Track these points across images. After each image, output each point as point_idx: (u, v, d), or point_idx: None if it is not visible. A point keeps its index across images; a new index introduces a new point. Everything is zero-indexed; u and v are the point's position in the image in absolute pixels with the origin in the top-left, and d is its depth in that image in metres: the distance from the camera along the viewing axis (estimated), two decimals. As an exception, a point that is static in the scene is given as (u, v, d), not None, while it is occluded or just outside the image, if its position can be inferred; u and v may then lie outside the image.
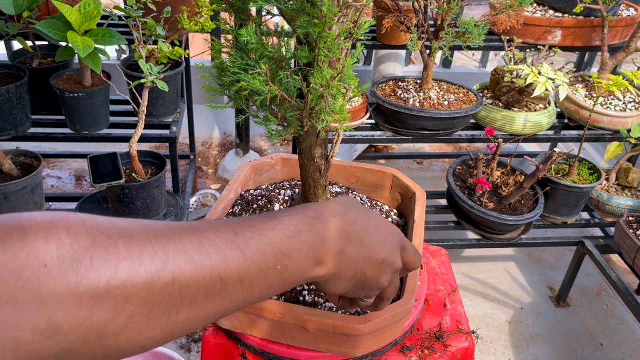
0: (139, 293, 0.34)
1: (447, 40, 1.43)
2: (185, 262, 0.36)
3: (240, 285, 0.39)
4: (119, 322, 0.33)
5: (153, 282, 0.34)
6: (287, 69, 0.60)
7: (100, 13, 1.23)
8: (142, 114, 1.29)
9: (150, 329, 0.35)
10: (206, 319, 0.38)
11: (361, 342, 0.62)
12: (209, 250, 0.38)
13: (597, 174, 1.67)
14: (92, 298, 0.32)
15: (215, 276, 0.37)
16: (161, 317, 0.35)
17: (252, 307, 0.63)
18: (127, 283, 0.33)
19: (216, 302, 0.38)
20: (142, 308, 0.34)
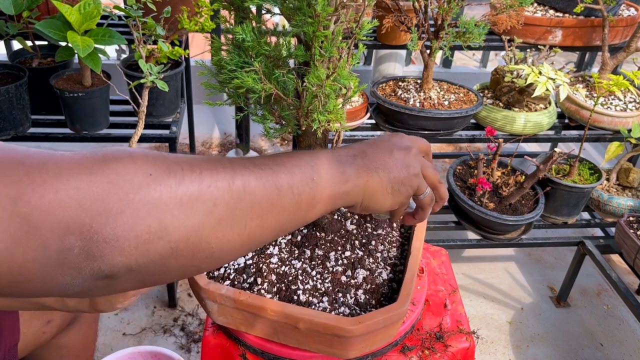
0: (222, 197, 0.41)
1: (447, 40, 1.43)
2: (249, 174, 0.44)
3: (291, 193, 0.47)
4: (211, 222, 0.40)
5: (230, 188, 0.41)
6: (284, 68, 0.59)
7: (100, 13, 1.23)
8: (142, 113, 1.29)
9: (233, 233, 0.42)
10: (271, 228, 0.46)
11: (352, 344, 0.62)
12: (261, 167, 0.46)
13: (597, 174, 1.67)
14: (189, 201, 0.38)
15: (271, 184, 0.45)
16: (240, 222, 0.42)
17: (245, 305, 0.62)
18: (212, 188, 0.40)
19: (277, 211, 0.45)
20: (226, 211, 0.41)
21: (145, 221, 0.36)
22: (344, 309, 0.66)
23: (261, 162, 0.47)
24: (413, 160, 0.59)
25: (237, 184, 0.42)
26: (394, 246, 0.76)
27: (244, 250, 0.45)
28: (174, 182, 0.38)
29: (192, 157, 0.42)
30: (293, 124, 0.64)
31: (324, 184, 0.50)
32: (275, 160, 0.49)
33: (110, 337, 1.57)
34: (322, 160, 0.52)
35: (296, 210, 0.48)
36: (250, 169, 0.44)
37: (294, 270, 0.71)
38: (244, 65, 0.59)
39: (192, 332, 1.60)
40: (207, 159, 0.43)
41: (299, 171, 0.49)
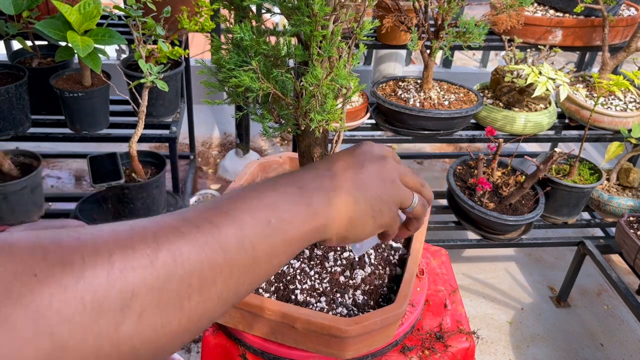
0: (142, 281, 0.31)
1: (447, 39, 1.43)
2: (179, 239, 0.34)
3: (242, 249, 0.37)
4: (130, 320, 0.30)
5: (153, 265, 0.31)
6: (283, 67, 0.59)
7: (99, 13, 1.23)
8: (142, 113, 1.29)
9: (166, 322, 0.32)
10: (220, 299, 0.35)
11: (349, 344, 0.62)
12: (197, 224, 0.35)
13: (597, 174, 1.67)
14: (94, 299, 0.29)
15: (213, 245, 0.35)
16: (173, 306, 0.32)
17: (243, 303, 0.62)
18: (126, 272, 0.30)
19: (224, 275, 0.35)
20: (150, 298, 0.31)
21: (31, 343, 0.26)
22: (342, 310, 0.66)
23: (197, 217, 0.36)
24: (390, 170, 0.50)
25: (164, 258, 0.32)
26: (394, 247, 0.76)
27: (187, 337, 0.34)
28: (70, 279, 0.28)
29: (103, 231, 0.32)
30: (292, 124, 0.64)
31: (286, 225, 0.40)
32: (217, 207, 0.38)
33: (110, 337, 1.57)
34: (279, 193, 0.42)
35: (253, 267, 0.38)
36: (181, 230, 0.34)
37: (293, 270, 0.71)
38: (243, 64, 0.59)
39: (192, 332, 1.60)
40: (123, 230, 0.33)
41: (250, 217, 0.38)
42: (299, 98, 0.60)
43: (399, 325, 0.70)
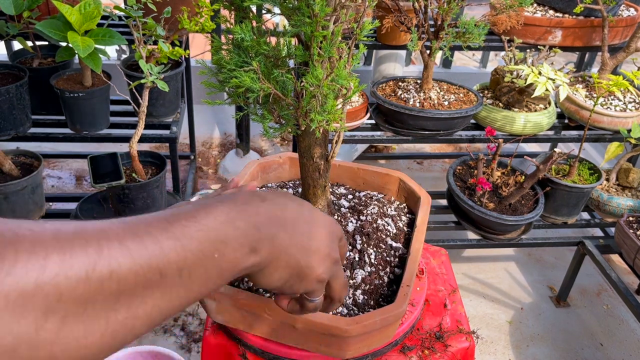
0: (73, 289, 0.30)
1: (447, 40, 1.43)
2: (121, 253, 0.33)
3: (179, 276, 0.36)
4: (52, 325, 0.29)
5: (88, 276, 0.30)
6: (283, 67, 0.60)
7: (100, 13, 1.23)
8: (142, 114, 1.29)
9: (89, 333, 0.31)
10: (147, 318, 0.35)
11: (349, 344, 0.62)
12: (144, 240, 0.35)
13: (597, 174, 1.67)
14: (19, 297, 0.28)
15: (153, 267, 0.34)
16: (99, 318, 0.32)
17: (243, 303, 0.62)
18: (58, 278, 0.29)
19: (155, 297, 0.35)
20: (77, 307, 0.30)
21: None
22: (342, 309, 0.66)
23: (147, 230, 0.36)
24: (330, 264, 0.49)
25: (101, 270, 0.31)
26: (394, 247, 0.76)
27: (108, 352, 0.33)
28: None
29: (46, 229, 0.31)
30: (292, 124, 0.64)
31: (225, 261, 0.40)
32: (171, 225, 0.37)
33: (111, 337, 1.57)
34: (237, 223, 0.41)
35: (185, 292, 0.37)
36: (127, 244, 0.33)
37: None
38: (244, 64, 0.59)
39: (192, 332, 1.60)
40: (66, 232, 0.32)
41: (197, 246, 0.38)
42: (300, 98, 0.61)
43: (399, 324, 0.71)
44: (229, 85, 0.60)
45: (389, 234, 0.78)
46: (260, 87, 0.58)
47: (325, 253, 0.49)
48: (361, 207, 0.81)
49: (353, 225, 0.78)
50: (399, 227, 0.81)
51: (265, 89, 0.58)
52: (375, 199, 0.85)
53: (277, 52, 0.59)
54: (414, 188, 0.85)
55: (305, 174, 0.72)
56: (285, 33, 0.59)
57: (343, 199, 0.84)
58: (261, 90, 0.58)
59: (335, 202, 0.83)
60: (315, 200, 0.74)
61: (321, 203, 0.75)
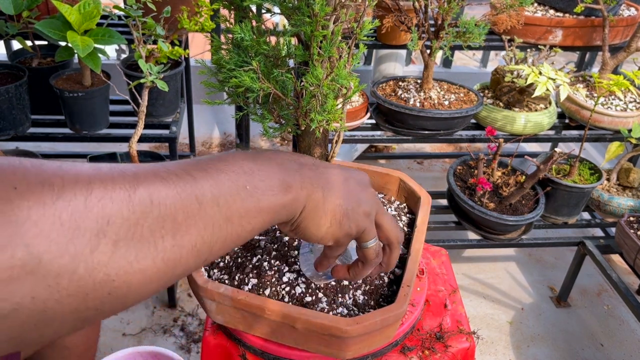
0: (119, 212, 0.31)
1: (447, 39, 1.43)
2: (158, 181, 0.35)
3: (216, 204, 0.38)
4: (105, 247, 0.30)
5: (130, 199, 0.32)
6: (283, 67, 0.59)
7: (99, 12, 1.23)
8: (142, 113, 1.29)
9: (140, 258, 0.32)
10: (193, 249, 0.36)
11: (349, 345, 0.62)
12: (177, 172, 0.37)
13: (597, 174, 1.67)
14: (71, 218, 0.29)
15: (189, 194, 0.36)
16: (148, 243, 0.33)
17: (243, 304, 0.62)
18: (104, 200, 0.31)
19: (199, 226, 0.36)
20: (125, 230, 0.32)
21: (6, 249, 0.27)
22: (342, 310, 0.66)
23: (178, 167, 0.38)
24: (369, 198, 0.51)
25: (141, 195, 0.33)
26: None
27: (162, 281, 0.35)
28: (49, 197, 0.29)
29: (85, 165, 0.33)
30: (292, 124, 0.64)
31: (259, 193, 0.41)
32: (198, 164, 0.40)
33: (110, 337, 1.57)
34: (259, 164, 0.43)
35: (225, 225, 0.39)
36: (161, 175, 0.35)
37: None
38: (243, 64, 0.58)
39: (192, 332, 1.60)
40: (104, 166, 0.34)
41: (227, 178, 0.40)
42: (299, 98, 0.60)
43: (399, 325, 0.70)
44: (228, 85, 0.60)
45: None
46: (260, 86, 0.57)
47: (362, 189, 0.50)
48: (361, 207, 0.81)
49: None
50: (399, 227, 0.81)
51: (265, 89, 0.58)
52: (375, 199, 0.85)
53: (276, 52, 0.59)
54: (414, 188, 0.84)
55: (305, 174, 0.72)
56: (285, 33, 0.59)
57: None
58: (261, 90, 0.58)
59: (335, 202, 0.82)
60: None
61: (321, 203, 0.75)
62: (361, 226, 0.50)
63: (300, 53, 0.58)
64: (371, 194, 0.52)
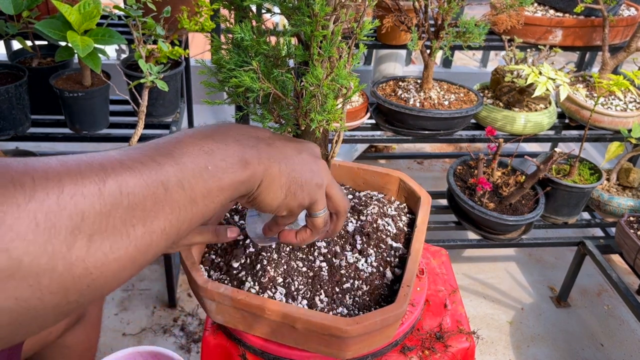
0: (91, 207, 0.32)
1: (447, 39, 1.43)
2: (125, 171, 0.36)
3: (181, 188, 0.39)
4: (81, 242, 0.32)
5: (100, 192, 0.33)
6: (283, 67, 0.59)
7: (99, 12, 1.23)
8: (142, 113, 1.29)
9: (115, 248, 0.34)
10: (163, 232, 0.38)
11: (349, 344, 0.62)
12: (141, 159, 0.38)
13: (597, 174, 1.67)
14: (46, 218, 0.30)
15: (155, 181, 0.37)
16: (121, 233, 0.34)
17: (243, 304, 0.62)
18: (76, 197, 0.32)
19: (166, 211, 0.38)
20: (99, 224, 0.33)
21: None
22: (342, 310, 0.66)
23: (143, 154, 0.39)
24: (321, 170, 0.54)
25: (111, 187, 0.34)
26: (394, 247, 0.76)
27: (136, 267, 0.36)
28: (22, 198, 0.29)
29: (51, 160, 0.34)
30: (292, 124, 0.64)
31: (220, 172, 0.43)
32: (161, 148, 0.41)
33: (110, 337, 1.57)
34: (217, 143, 0.45)
35: (190, 206, 0.40)
36: (127, 165, 0.36)
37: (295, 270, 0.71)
38: (243, 64, 0.58)
39: (192, 332, 1.60)
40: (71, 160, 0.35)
41: (190, 160, 0.41)
42: (299, 98, 0.60)
43: (399, 325, 0.70)
44: (228, 85, 0.60)
45: (389, 234, 0.78)
46: (260, 86, 0.57)
47: (314, 161, 0.54)
48: (361, 207, 0.81)
49: (353, 226, 0.78)
50: (399, 227, 0.81)
51: (265, 89, 0.58)
52: (375, 199, 0.85)
53: (276, 52, 0.59)
54: (414, 188, 0.84)
55: (305, 174, 0.72)
56: (285, 33, 0.59)
57: (343, 199, 0.84)
58: (261, 90, 0.58)
59: (335, 202, 0.82)
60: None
61: (321, 203, 0.75)
62: (313, 197, 0.53)
63: (300, 53, 0.58)
64: (323, 166, 0.55)
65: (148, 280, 1.78)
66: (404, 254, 0.75)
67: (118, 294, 1.73)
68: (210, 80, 0.62)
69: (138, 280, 1.78)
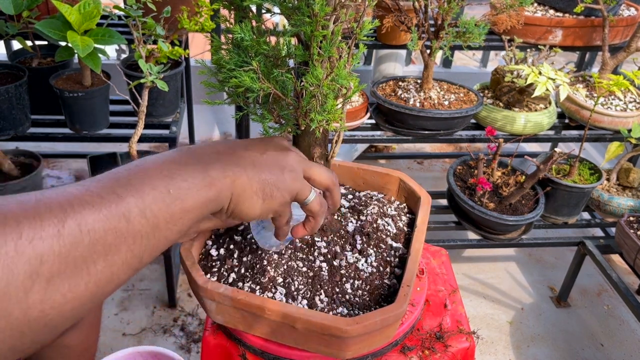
0: (50, 249, 0.32)
1: (447, 39, 1.43)
2: (84, 208, 0.35)
3: (143, 217, 0.38)
4: (39, 286, 0.31)
5: (60, 233, 0.33)
6: (283, 67, 0.59)
7: (99, 12, 1.23)
8: (142, 113, 1.29)
9: (73, 287, 0.33)
10: (125, 264, 0.37)
11: (349, 344, 0.62)
12: (102, 194, 0.37)
13: (597, 174, 1.67)
14: (4, 265, 0.30)
15: (116, 214, 0.37)
16: (81, 271, 0.34)
17: (243, 304, 0.62)
18: (35, 241, 0.31)
19: (128, 242, 0.37)
20: (58, 265, 0.32)
21: None
22: (342, 310, 0.66)
23: (103, 188, 0.38)
24: (291, 161, 0.52)
25: (70, 227, 0.33)
26: (394, 247, 0.76)
27: (94, 302, 0.36)
28: None
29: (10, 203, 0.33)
30: (292, 124, 0.64)
31: (184, 194, 0.42)
32: (121, 179, 0.40)
33: (110, 337, 1.57)
34: (178, 165, 0.44)
35: (154, 233, 0.39)
36: (87, 200, 0.36)
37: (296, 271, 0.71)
38: (243, 64, 0.58)
39: (192, 332, 1.60)
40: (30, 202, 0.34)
41: (151, 187, 0.40)
42: (299, 98, 0.60)
43: (399, 325, 0.70)
44: (228, 85, 0.60)
45: (389, 234, 0.78)
46: (260, 86, 0.58)
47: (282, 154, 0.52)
48: (361, 207, 0.81)
49: (353, 225, 0.78)
50: (399, 227, 0.81)
51: (265, 89, 0.58)
52: (375, 199, 0.85)
53: (276, 52, 0.59)
54: (414, 188, 0.84)
55: (305, 174, 0.72)
56: (285, 33, 0.59)
57: (343, 198, 0.84)
58: (261, 90, 0.58)
59: (335, 202, 0.82)
60: (315, 200, 0.74)
61: (321, 203, 0.75)
62: (293, 190, 0.52)
63: (300, 53, 0.58)
64: (292, 156, 0.53)
65: (148, 280, 1.78)
66: (404, 253, 0.75)
67: (118, 294, 1.73)
68: (210, 80, 0.62)
69: (138, 280, 1.78)
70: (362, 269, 0.71)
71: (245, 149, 0.51)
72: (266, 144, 0.53)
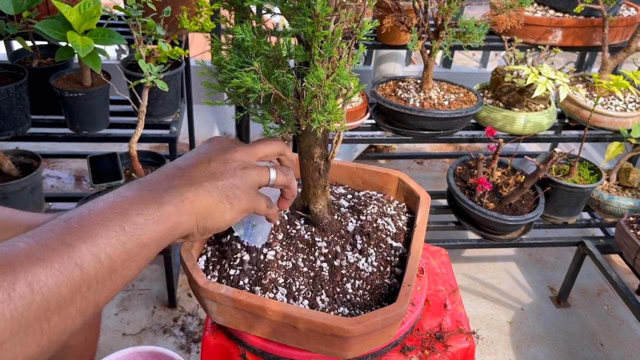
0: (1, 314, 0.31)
1: (447, 40, 1.43)
2: (35, 265, 0.34)
3: (97, 262, 0.37)
4: None
5: (10, 297, 0.31)
6: (284, 67, 0.59)
7: (99, 13, 1.23)
8: (142, 113, 1.29)
9: (25, 348, 0.32)
10: (79, 312, 0.36)
11: (351, 344, 0.62)
12: (51, 245, 0.36)
13: (597, 174, 1.67)
14: None
15: (69, 265, 0.35)
16: (34, 330, 0.32)
17: (244, 304, 0.62)
18: None
19: (82, 290, 0.36)
20: (9, 330, 0.31)
21: None
22: (344, 309, 0.66)
23: (52, 237, 0.36)
24: (237, 157, 0.52)
25: (21, 288, 0.32)
26: (394, 247, 0.76)
27: (48, 354, 0.35)
28: None
29: None
30: (292, 124, 0.64)
31: (139, 229, 0.40)
32: (69, 225, 0.38)
33: (110, 337, 1.57)
34: (129, 200, 0.42)
35: (110, 275, 0.38)
36: (36, 256, 0.34)
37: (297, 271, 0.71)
38: (244, 65, 0.58)
39: (192, 332, 1.60)
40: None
41: (103, 228, 0.38)
42: (300, 98, 0.60)
43: (400, 324, 0.70)
44: (229, 86, 0.60)
45: (389, 234, 0.78)
46: (261, 87, 0.58)
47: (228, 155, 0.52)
48: (361, 207, 0.81)
49: (353, 225, 0.78)
50: (399, 226, 0.81)
51: (267, 89, 0.58)
52: (374, 199, 0.85)
53: (277, 52, 0.59)
54: (413, 187, 0.84)
55: (305, 174, 0.72)
56: (286, 33, 0.59)
57: (342, 198, 0.84)
58: (262, 91, 0.58)
59: (334, 202, 0.82)
60: (316, 200, 0.74)
61: (321, 203, 0.75)
62: (253, 181, 0.52)
63: (301, 53, 0.58)
64: (238, 150, 0.53)
65: (148, 280, 1.78)
66: (404, 253, 0.75)
67: (118, 294, 1.73)
68: (211, 81, 0.62)
69: (138, 280, 1.78)
70: (362, 268, 0.71)
71: (191, 165, 0.49)
72: (209, 151, 0.52)
